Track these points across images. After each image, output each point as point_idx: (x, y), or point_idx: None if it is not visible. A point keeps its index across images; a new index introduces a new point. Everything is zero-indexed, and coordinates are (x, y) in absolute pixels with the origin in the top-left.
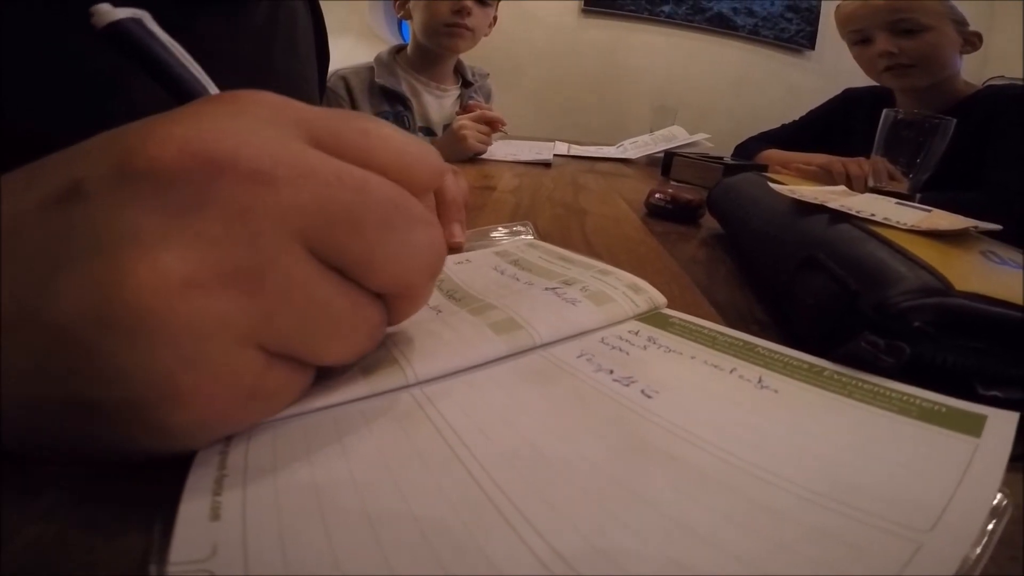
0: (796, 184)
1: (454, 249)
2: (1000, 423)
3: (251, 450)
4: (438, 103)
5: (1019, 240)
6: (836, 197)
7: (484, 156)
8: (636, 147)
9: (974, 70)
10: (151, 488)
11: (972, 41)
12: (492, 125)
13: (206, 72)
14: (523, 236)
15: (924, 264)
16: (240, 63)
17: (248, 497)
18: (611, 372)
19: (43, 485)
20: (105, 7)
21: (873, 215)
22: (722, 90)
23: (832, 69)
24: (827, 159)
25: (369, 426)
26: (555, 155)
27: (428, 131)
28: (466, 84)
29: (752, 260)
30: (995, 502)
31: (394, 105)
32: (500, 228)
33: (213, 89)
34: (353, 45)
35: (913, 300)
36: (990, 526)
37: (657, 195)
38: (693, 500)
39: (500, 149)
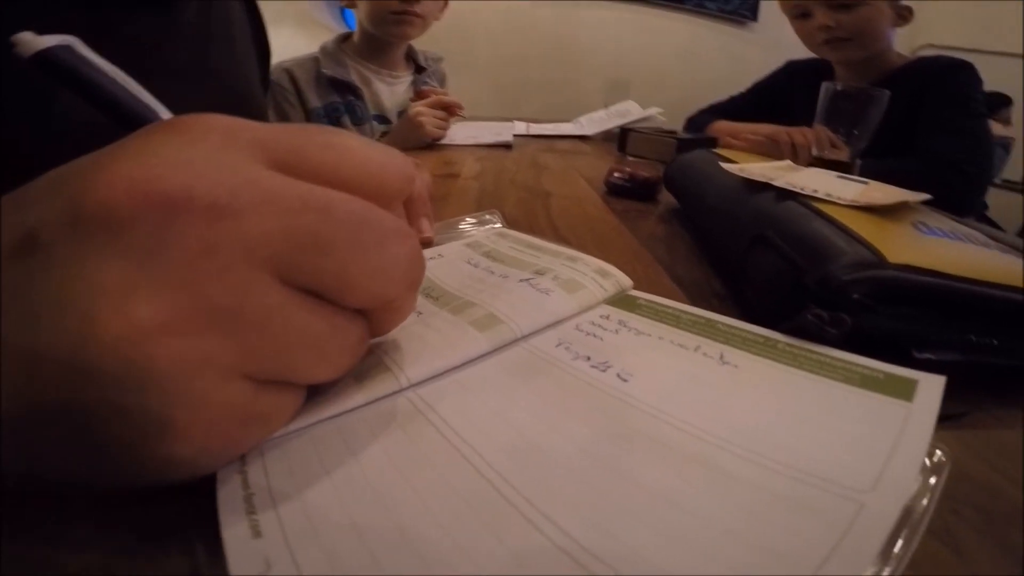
0: (745, 161)
1: (425, 245)
2: (929, 387)
3: (268, 467)
4: (390, 90)
5: (950, 204)
6: (782, 173)
7: (443, 141)
8: (592, 123)
9: (904, 38)
10: (177, 511)
11: (904, 15)
12: (449, 110)
13: (141, 79)
14: (491, 225)
15: (861, 239)
16: (176, 67)
17: (282, 514)
18: (588, 359)
19: (74, 517)
20: (28, 36)
21: (816, 191)
22: (671, 63)
23: (775, 41)
24: (773, 129)
25: (374, 434)
26: (514, 135)
27: (382, 119)
28: (419, 69)
29: (708, 235)
30: (936, 459)
31: (344, 95)
32: (468, 219)
33: (160, 109)
34: (292, 35)
35: (851, 274)
36: (932, 480)
37: (616, 174)
38: (674, 477)
39: (459, 133)
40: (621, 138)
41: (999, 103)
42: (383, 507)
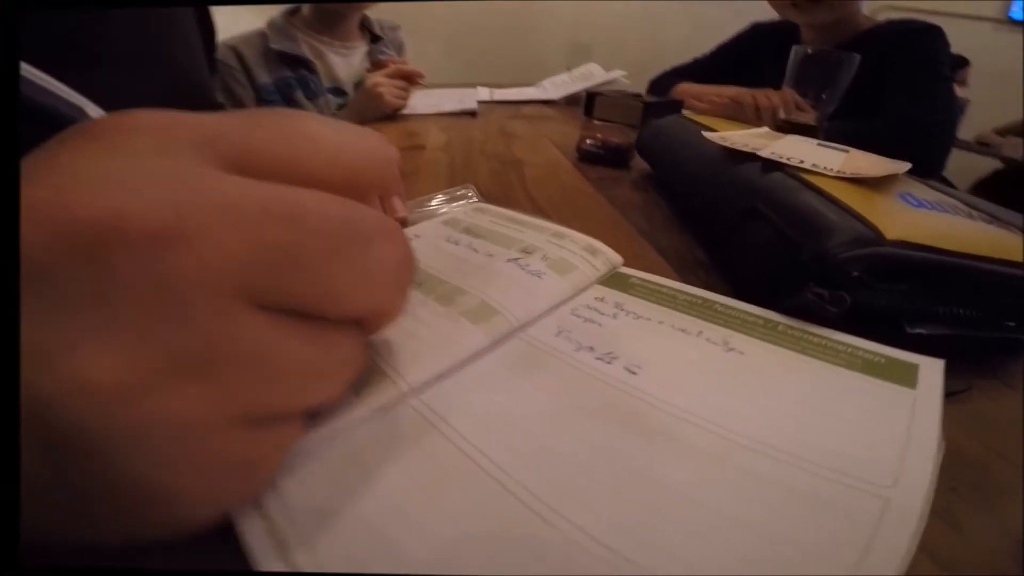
0: (715, 126)
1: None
2: (930, 372)
3: (287, 499)
4: (345, 62)
5: (917, 166)
6: (765, 143)
7: (405, 111)
8: (556, 87)
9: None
10: (200, 544)
11: None
12: (408, 79)
13: (74, 70)
14: (467, 200)
15: (856, 214)
16: (115, 54)
17: (317, 547)
18: (592, 349)
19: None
20: None
21: (802, 161)
22: (632, 24)
23: (736, 2)
24: (737, 91)
25: (387, 452)
26: (478, 102)
27: (338, 91)
28: (374, 39)
29: (688, 203)
30: None
31: (296, 69)
32: (441, 195)
33: (88, 107)
34: (235, 12)
35: (850, 251)
36: None
37: (588, 141)
38: (690, 473)
39: (421, 101)
40: (587, 102)
41: (956, 64)
42: (413, 532)
